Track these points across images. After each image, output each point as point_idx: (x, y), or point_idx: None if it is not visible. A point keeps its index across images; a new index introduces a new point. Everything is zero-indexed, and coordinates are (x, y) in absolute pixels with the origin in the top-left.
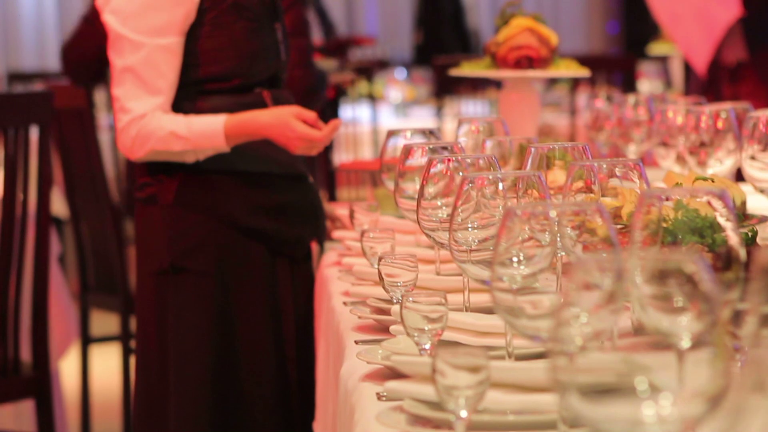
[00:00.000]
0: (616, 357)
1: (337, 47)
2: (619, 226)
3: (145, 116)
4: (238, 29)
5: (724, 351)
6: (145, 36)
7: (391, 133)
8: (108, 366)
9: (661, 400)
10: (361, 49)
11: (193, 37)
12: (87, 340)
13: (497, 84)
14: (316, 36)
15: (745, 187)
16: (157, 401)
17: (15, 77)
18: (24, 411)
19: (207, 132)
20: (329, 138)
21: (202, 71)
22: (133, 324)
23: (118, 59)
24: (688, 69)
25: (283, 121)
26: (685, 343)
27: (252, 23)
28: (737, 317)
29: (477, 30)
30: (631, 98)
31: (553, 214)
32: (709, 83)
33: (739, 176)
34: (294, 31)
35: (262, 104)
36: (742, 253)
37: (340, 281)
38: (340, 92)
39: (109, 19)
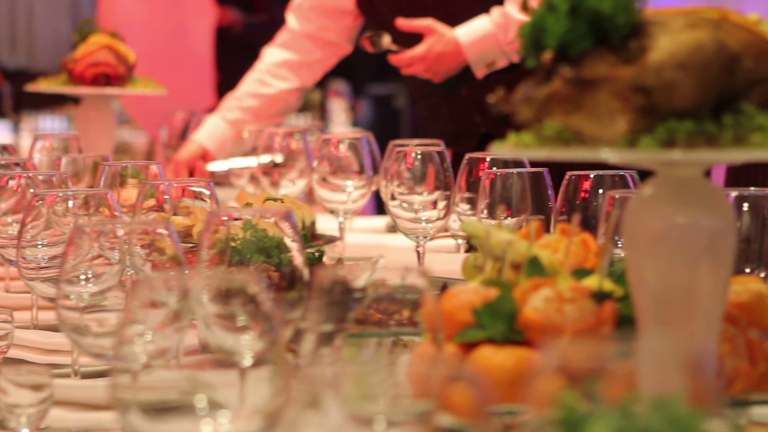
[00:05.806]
0: (179, 375)
1: None
2: (190, 245)
3: None
4: None
5: (284, 369)
6: None
7: None
8: None
9: (219, 418)
10: None
11: None
12: None
13: (76, 100)
14: None
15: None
16: None
17: None
18: None
19: None
20: None
21: None
22: None
23: None
24: None
25: None
26: (247, 361)
27: None
28: (299, 335)
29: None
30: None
31: (121, 232)
32: None
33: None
34: None
35: None
36: (306, 273)
37: None
38: None
39: None
